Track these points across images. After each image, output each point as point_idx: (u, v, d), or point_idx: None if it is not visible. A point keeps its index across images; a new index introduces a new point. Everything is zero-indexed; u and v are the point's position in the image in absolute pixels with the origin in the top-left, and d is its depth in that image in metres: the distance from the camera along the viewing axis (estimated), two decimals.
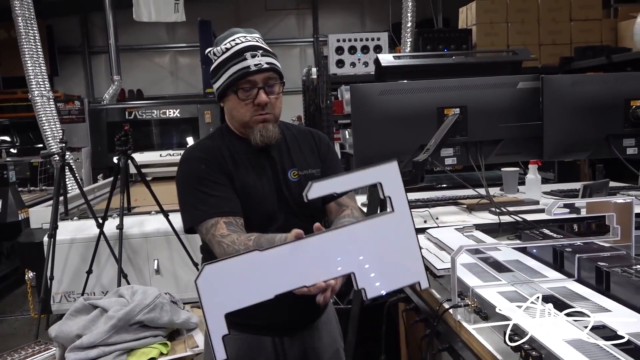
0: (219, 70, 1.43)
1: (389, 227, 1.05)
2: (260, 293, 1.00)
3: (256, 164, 1.46)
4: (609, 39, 5.91)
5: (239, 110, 1.42)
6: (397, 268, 1.06)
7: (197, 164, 1.41)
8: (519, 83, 2.18)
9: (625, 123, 2.19)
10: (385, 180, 1.03)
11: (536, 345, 0.98)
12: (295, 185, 1.47)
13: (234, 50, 1.41)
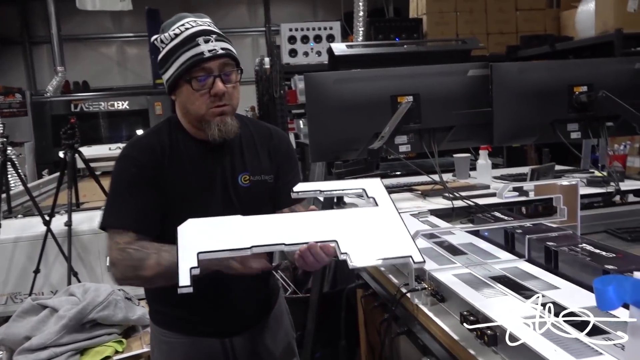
0: (169, 58, 1.30)
1: (375, 215, 1.11)
2: (237, 243, 1.05)
3: (203, 166, 1.35)
4: (553, 28, 6.12)
5: (193, 103, 1.29)
6: (386, 244, 1.08)
7: (129, 165, 1.32)
8: (469, 71, 2.23)
9: (569, 108, 2.27)
10: (369, 188, 1.15)
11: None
12: (246, 191, 1.38)
13: (184, 35, 1.28)
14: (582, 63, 2.43)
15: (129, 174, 1.30)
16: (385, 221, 1.12)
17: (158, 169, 1.31)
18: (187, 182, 1.33)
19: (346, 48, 3.92)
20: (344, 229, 1.09)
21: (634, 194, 2.24)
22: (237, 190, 1.37)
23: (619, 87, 2.26)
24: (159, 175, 1.31)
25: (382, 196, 1.15)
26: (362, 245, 1.07)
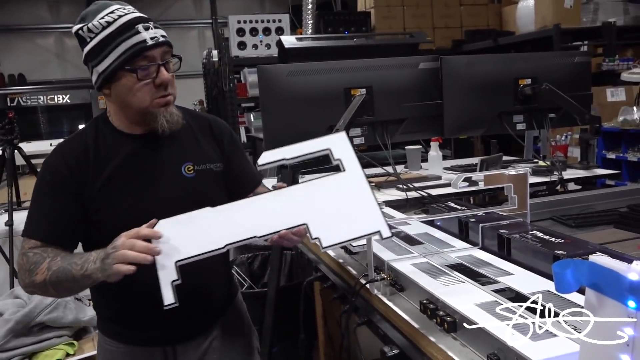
0: (103, 48, 1.18)
1: (342, 185, 1.08)
2: (212, 243, 1.06)
3: (139, 165, 1.26)
4: (495, 23, 6.32)
5: (135, 95, 1.19)
6: (354, 220, 1.07)
7: (45, 173, 1.24)
8: (420, 64, 2.27)
9: (515, 101, 2.36)
10: (334, 147, 1.09)
11: (450, 310, 1.04)
12: (191, 182, 1.30)
13: (120, 22, 1.18)
14: (526, 57, 2.52)
15: (44, 181, 1.24)
16: (352, 191, 1.09)
17: (78, 176, 1.22)
18: (121, 182, 1.24)
19: (296, 41, 3.90)
20: (312, 207, 1.08)
21: (575, 182, 2.35)
22: (182, 182, 1.28)
23: (560, 80, 2.36)
24: (79, 182, 1.22)
25: (348, 158, 1.10)
26: (331, 223, 1.07)
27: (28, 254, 1.18)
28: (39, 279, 1.14)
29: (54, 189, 1.22)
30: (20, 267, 1.18)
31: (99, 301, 1.36)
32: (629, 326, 0.61)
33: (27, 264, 1.16)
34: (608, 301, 0.63)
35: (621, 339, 0.61)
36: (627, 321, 0.61)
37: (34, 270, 1.15)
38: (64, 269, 1.13)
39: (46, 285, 1.14)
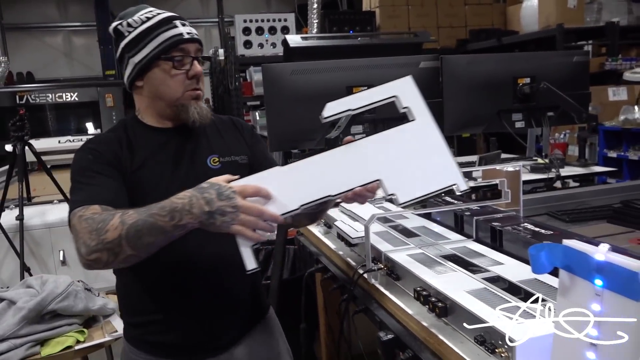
0: (141, 40, 1.23)
1: (413, 135, 1.02)
2: (285, 205, 1.00)
3: (168, 154, 1.27)
4: (499, 23, 6.35)
5: (168, 85, 1.23)
6: (429, 173, 1.02)
7: (84, 154, 1.22)
8: (421, 63, 2.32)
9: (514, 99, 2.41)
10: (401, 93, 1.02)
11: (442, 297, 1.10)
12: (216, 173, 1.23)
13: (158, 18, 1.25)
14: (525, 56, 2.57)
15: (84, 160, 1.21)
16: (424, 142, 1.03)
17: (117, 159, 1.22)
18: (150, 170, 1.24)
19: (301, 40, 3.96)
20: (385, 160, 1.02)
21: (573, 179, 2.40)
22: (207, 174, 1.23)
23: (559, 79, 2.41)
24: (117, 164, 1.22)
25: (417, 105, 1.03)
26: (406, 177, 1.01)
27: (93, 217, 1.05)
28: (110, 236, 1.00)
29: (99, 164, 1.19)
30: (82, 232, 1.03)
31: (130, 307, 1.31)
32: (596, 302, 0.66)
33: (92, 224, 1.03)
34: (579, 280, 0.69)
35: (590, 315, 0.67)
36: (595, 298, 0.66)
37: (102, 228, 1.02)
38: (145, 221, 1.01)
39: (120, 243, 1.01)
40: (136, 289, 1.27)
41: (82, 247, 1.02)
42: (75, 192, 1.16)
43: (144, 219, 1.01)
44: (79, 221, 1.06)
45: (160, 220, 1.00)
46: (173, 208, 1.00)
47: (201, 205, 0.99)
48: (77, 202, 1.11)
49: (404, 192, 1.01)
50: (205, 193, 1.00)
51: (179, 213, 1.00)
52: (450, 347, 1.00)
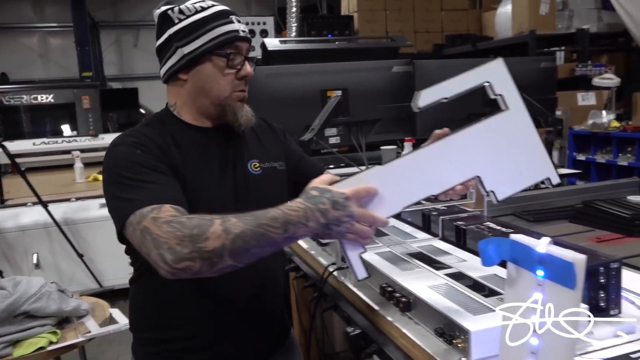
0: (195, 30, 1.13)
1: (507, 126, 0.98)
2: (388, 207, 0.95)
3: (210, 155, 1.17)
4: (475, 28, 6.48)
5: (217, 82, 1.14)
6: (523, 166, 0.99)
7: (130, 148, 1.08)
8: (394, 67, 2.38)
9: (482, 103, 2.47)
10: (493, 78, 0.98)
11: (405, 293, 1.14)
12: (257, 179, 1.22)
13: (215, 10, 1.15)
14: None
15: (131, 154, 1.07)
16: (518, 132, 0.99)
17: (165, 156, 1.10)
18: (195, 174, 1.13)
19: (279, 43, 3.99)
20: (481, 154, 0.98)
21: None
22: (249, 179, 1.21)
23: (527, 83, 2.48)
24: (167, 161, 1.10)
25: (510, 93, 0.99)
26: (501, 171, 0.98)
27: (178, 221, 0.93)
28: (211, 245, 0.90)
29: (151, 159, 1.07)
30: (166, 236, 0.92)
31: (151, 321, 1.20)
32: (539, 291, 0.71)
33: (181, 229, 0.92)
34: (523, 272, 0.73)
35: (534, 303, 0.72)
36: (537, 287, 0.71)
37: (199, 235, 0.91)
38: (255, 232, 0.91)
39: (222, 253, 0.91)
40: (164, 302, 1.16)
41: (169, 253, 0.91)
42: (130, 190, 1.02)
43: (252, 229, 0.92)
44: (157, 224, 0.94)
45: (273, 232, 0.92)
46: (287, 220, 0.92)
47: (317, 217, 0.93)
48: (138, 201, 0.99)
49: (501, 188, 0.98)
50: (320, 204, 0.93)
51: (293, 226, 0.93)
52: (413, 339, 1.04)
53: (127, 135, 1.13)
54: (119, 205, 1.02)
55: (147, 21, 11.87)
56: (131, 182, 1.03)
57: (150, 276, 1.08)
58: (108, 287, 3.60)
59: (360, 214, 0.94)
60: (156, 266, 0.93)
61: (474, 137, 0.98)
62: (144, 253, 0.96)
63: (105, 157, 1.11)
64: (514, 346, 0.75)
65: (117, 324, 1.90)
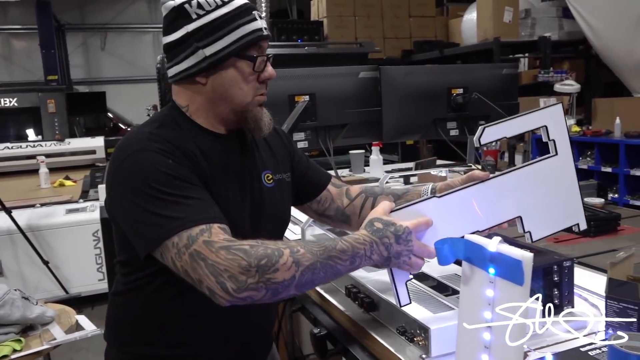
0: (218, 29, 1.01)
1: (553, 170, 1.02)
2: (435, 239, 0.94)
3: (230, 167, 1.08)
4: (442, 35, 6.61)
5: (241, 88, 1.04)
6: (559, 210, 1.03)
7: (158, 156, 0.96)
8: (360, 73, 2.42)
9: (448, 108, 2.54)
10: (550, 123, 1.00)
11: (369, 293, 1.17)
12: (270, 193, 1.14)
13: (237, 4, 1.03)
14: (459, 68, 2.72)
15: (166, 166, 0.96)
16: (561, 178, 1.03)
17: (194, 165, 1.01)
18: (220, 185, 1.04)
19: None
20: (524, 195, 1.01)
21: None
22: (263, 192, 1.13)
23: (490, 89, 2.56)
24: (196, 171, 1.00)
25: (562, 139, 1.01)
26: (540, 213, 1.02)
27: (243, 248, 0.88)
28: (281, 277, 0.87)
29: (185, 170, 0.98)
30: (226, 263, 0.87)
31: (138, 336, 1.11)
32: (490, 288, 0.75)
33: (245, 257, 0.87)
34: (477, 270, 0.77)
35: (486, 299, 0.75)
36: (489, 284, 0.75)
37: (268, 265, 0.87)
38: (325, 265, 0.90)
39: (290, 285, 0.89)
40: (156, 316, 1.08)
41: (231, 282, 0.86)
42: (168, 207, 0.92)
43: (322, 261, 0.90)
44: (212, 249, 0.88)
45: (340, 265, 0.92)
46: (355, 253, 0.92)
47: (381, 251, 0.93)
48: (182, 220, 0.91)
49: (538, 230, 1.02)
50: (384, 238, 0.93)
51: (359, 259, 0.93)
52: (376, 338, 1.07)
53: (148, 140, 0.99)
54: (156, 222, 0.91)
55: (114, 24, 11.71)
56: (169, 197, 0.93)
57: (153, 292, 1.04)
58: (74, 294, 3.54)
59: (418, 248, 0.94)
60: (210, 294, 0.88)
61: (523, 178, 1.01)
62: (193, 279, 0.90)
63: (124, 163, 0.97)
64: (469, 342, 0.79)
65: (84, 330, 1.88)
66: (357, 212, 1.28)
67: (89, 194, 3.93)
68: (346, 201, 1.29)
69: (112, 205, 1.01)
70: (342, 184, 1.33)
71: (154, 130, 1.02)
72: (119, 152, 1.00)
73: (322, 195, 1.29)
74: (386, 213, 0.96)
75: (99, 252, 3.57)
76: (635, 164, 4.02)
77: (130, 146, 0.99)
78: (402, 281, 0.96)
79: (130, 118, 10.05)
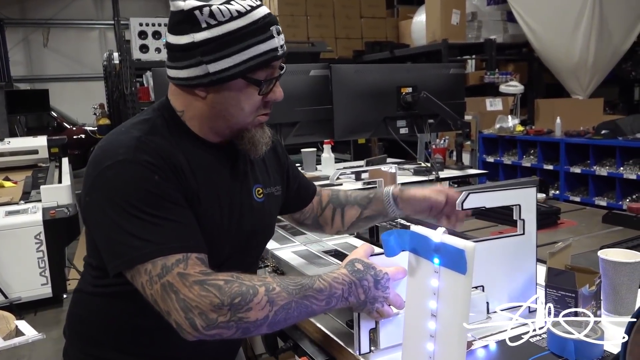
0: (229, 44, 0.92)
1: (517, 248, 1.06)
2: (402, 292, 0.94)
3: (221, 181, 1.02)
4: (393, 36, 6.72)
5: (242, 109, 0.96)
6: (516, 287, 1.07)
7: (144, 171, 0.89)
8: (311, 71, 2.43)
9: (398, 107, 2.58)
10: (523, 203, 1.05)
11: None
12: (260, 208, 1.09)
13: (254, 18, 0.92)
14: (408, 67, 2.77)
15: (151, 182, 0.89)
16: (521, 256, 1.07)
17: (180, 179, 0.93)
18: (208, 200, 0.98)
19: None
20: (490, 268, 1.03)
21: (452, 181, 2.62)
22: (254, 207, 1.08)
23: (437, 89, 2.62)
24: (181, 186, 0.93)
25: (530, 220, 1.06)
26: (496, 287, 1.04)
27: (217, 284, 0.84)
28: (253, 317, 0.84)
29: (170, 188, 0.91)
30: (197, 300, 0.83)
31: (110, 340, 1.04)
32: (435, 278, 0.76)
33: (221, 296, 0.83)
34: (422, 261, 0.79)
35: (431, 289, 0.77)
36: (434, 274, 0.76)
37: (241, 305, 0.83)
38: (299, 305, 0.87)
39: (263, 323, 0.86)
40: (124, 323, 1.03)
41: (200, 319, 0.83)
42: (147, 229, 0.86)
43: (298, 301, 0.86)
44: (186, 283, 0.84)
45: (316, 304, 0.88)
46: (332, 294, 0.89)
47: (359, 294, 0.90)
48: (158, 247, 0.85)
49: (495, 302, 1.05)
50: (364, 280, 0.90)
51: (336, 299, 0.90)
52: (326, 332, 1.08)
53: (135, 149, 0.91)
54: (131, 244, 0.86)
55: (58, 19, 11.28)
56: (148, 217, 0.87)
57: (122, 300, 0.98)
58: (14, 299, 3.39)
59: (394, 297, 0.92)
60: (177, 327, 0.84)
61: (491, 250, 1.04)
62: (162, 309, 0.85)
63: (106, 172, 0.89)
64: (415, 332, 0.80)
65: (24, 336, 1.80)
66: (329, 224, 1.30)
67: (30, 195, 3.76)
68: (319, 209, 1.30)
69: (87, 211, 0.94)
70: (319, 192, 1.32)
71: (144, 137, 0.93)
72: (103, 155, 0.91)
73: (306, 207, 1.29)
74: (367, 255, 0.95)
75: (42, 255, 3.42)
76: (575, 162, 4.22)
77: (116, 153, 0.90)
78: (367, 328, 0.94)
79: (76, 117, 9.70)
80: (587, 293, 0.98)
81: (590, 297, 1.00)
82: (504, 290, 1.06)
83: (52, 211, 3.41)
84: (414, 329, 0.81)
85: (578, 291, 0.96)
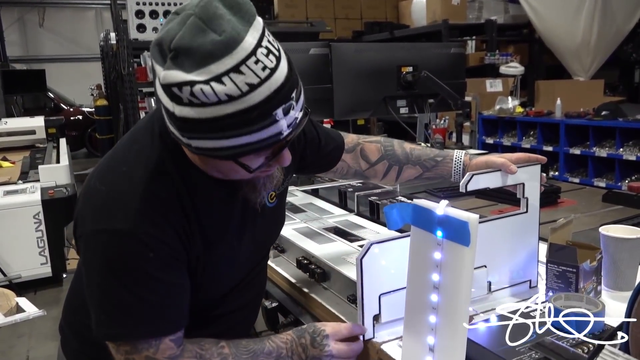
0: (219, 129, 0.74)
1: (519, 226, 1.05)
2: None
3: (232, 213, 0.95)
4: (392, 16, 6.66)
5: (237, 172, 0.85)
6: (519, 264, 1.07)
7: (140, 247, 0.82)
8: (311, 49, 2.39)
9: (398, 87, 2.56)
10: (527, 181, 1.04)
11: (320, 264, 1.17)
12: (271, 210, 1.05)
13: (253, 101, 0.73)
14: (408, 46, 2.74)
15: (143, 259, 0.83)
16: (523, 234, 1.07)
17: (183, 245, 0.87)
18: (224, 243, 0.94)
19: None
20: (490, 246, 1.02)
21: None
22: (267, 214, 1.03)
23: (438, 68, 2.59)
24: (183, 254, 0.88)
25: (534, 198, 1.05)
26: (498, 265, 1.04)
27: None
28: None
29: (163, 263, 0.85)
30: None
31: None
32: (438, 250, 0.76)
33: None
34: (425, 234, 0.78)
35: (434, 262, 0.77)
36: (437, 247, 0.76)
37: None
38: None
39: None
40: None
41: None
42: (128, 310, 0.84)
43: None
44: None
45: None
46: (279, 354, 0.92)
47: (299, 353, 0.93)
48: (135, 331, 0.84)
49: (497, 281, 1.05)
50: (302, 338, 0.93)
51: (282, 359, 0.93)
52: (327, 307, 1.08)
53: (135, 216, 0.82)
54: (107, 316, 0.85)
55: (53, 1, 11.15)
56: (131, 297, 0.83)
57: None
58: (13, 276, 3.40)
59: (338, 352, 0.92)
60: None
61: (494, 229, 1.03)
62: None
63: (100, 236, 0.83)
64: (417, 305, 0.80)
65: (25, 312, 1.81)
66: (379, 177, 1.23)
67: (28, 175, 3.75)
68: (364, 164, 1.21)
69: (76, 241, 0.91)
70: (355, 144, 1.22)
71: (147, 194, 0.84)
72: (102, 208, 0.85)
73: (337, 166, 1.21)
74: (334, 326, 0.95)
75: (41, 235, 3.42)
76: (575, 143, 4.21)
77: (115, 216, 0.83)
78: (370, 315, 0.93)
79: (73, 98, 9.63)
80: (588, 268, 0.98)
81: (591, 273, 1.00)
82: (505, 268, 1.05)
83: (51, 191, 3.40)
84: (416, 302, 0.81)
85: (579, 266, 0.96)
